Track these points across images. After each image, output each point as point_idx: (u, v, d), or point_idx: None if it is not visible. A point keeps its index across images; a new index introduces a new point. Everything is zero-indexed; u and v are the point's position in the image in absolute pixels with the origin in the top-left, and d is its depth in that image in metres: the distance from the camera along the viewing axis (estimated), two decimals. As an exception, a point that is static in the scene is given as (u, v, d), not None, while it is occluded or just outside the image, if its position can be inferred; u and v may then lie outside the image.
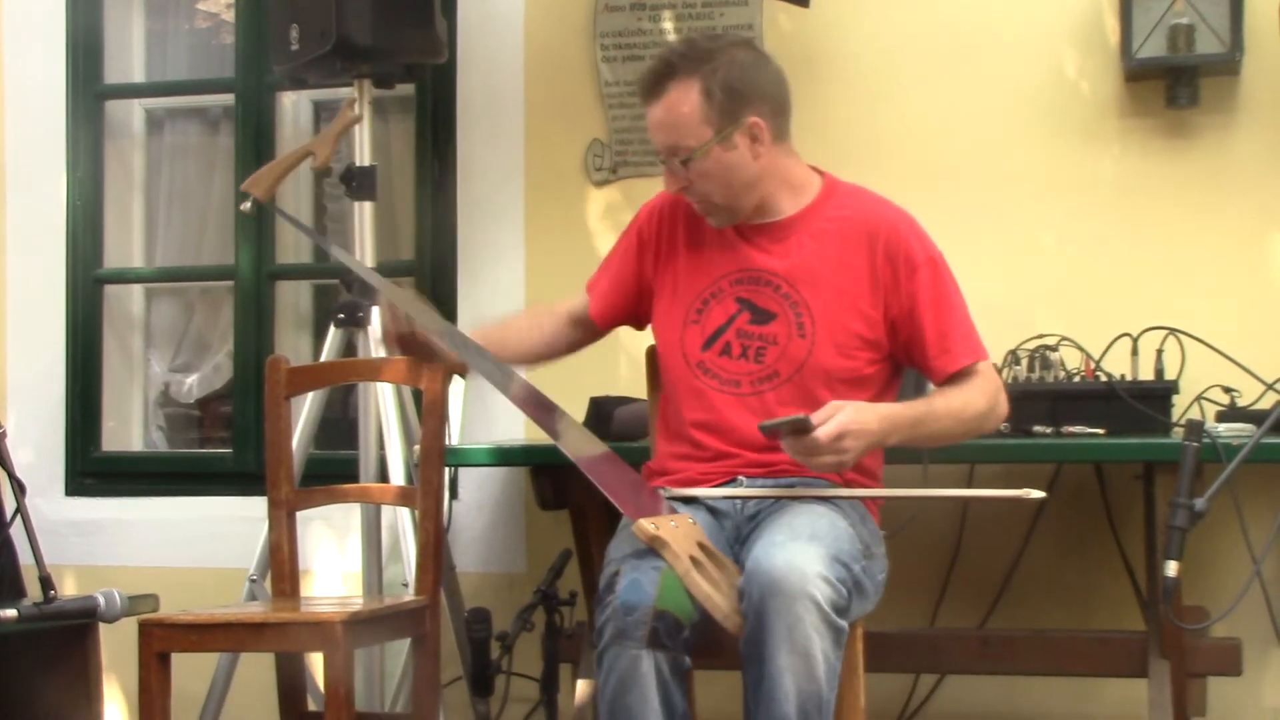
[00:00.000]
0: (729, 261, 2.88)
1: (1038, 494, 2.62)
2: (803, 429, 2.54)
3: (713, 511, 2.79)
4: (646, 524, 2.54)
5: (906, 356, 2.86)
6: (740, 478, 2.81)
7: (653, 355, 3.07)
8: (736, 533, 2.77)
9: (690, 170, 2.80)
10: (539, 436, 3.58)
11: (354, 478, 3.73)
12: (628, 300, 3.02)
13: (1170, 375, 3.50)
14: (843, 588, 2.53)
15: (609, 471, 2.77)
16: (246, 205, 3.81)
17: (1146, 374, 3.50)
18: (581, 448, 2.84)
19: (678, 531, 2.55)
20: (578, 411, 3.51)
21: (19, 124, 4.59)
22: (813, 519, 2.64)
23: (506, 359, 2.94)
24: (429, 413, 3.34)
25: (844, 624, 2.53)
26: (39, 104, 4.58)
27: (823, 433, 2.54)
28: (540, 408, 2.88)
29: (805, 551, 2.51)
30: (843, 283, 2.84)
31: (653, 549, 2.53)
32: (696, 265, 2.91)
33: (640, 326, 3.06)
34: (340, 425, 4.15)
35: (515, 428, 4.07)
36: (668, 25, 4.10)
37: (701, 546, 2.57)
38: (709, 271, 2.90)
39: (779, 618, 2.45)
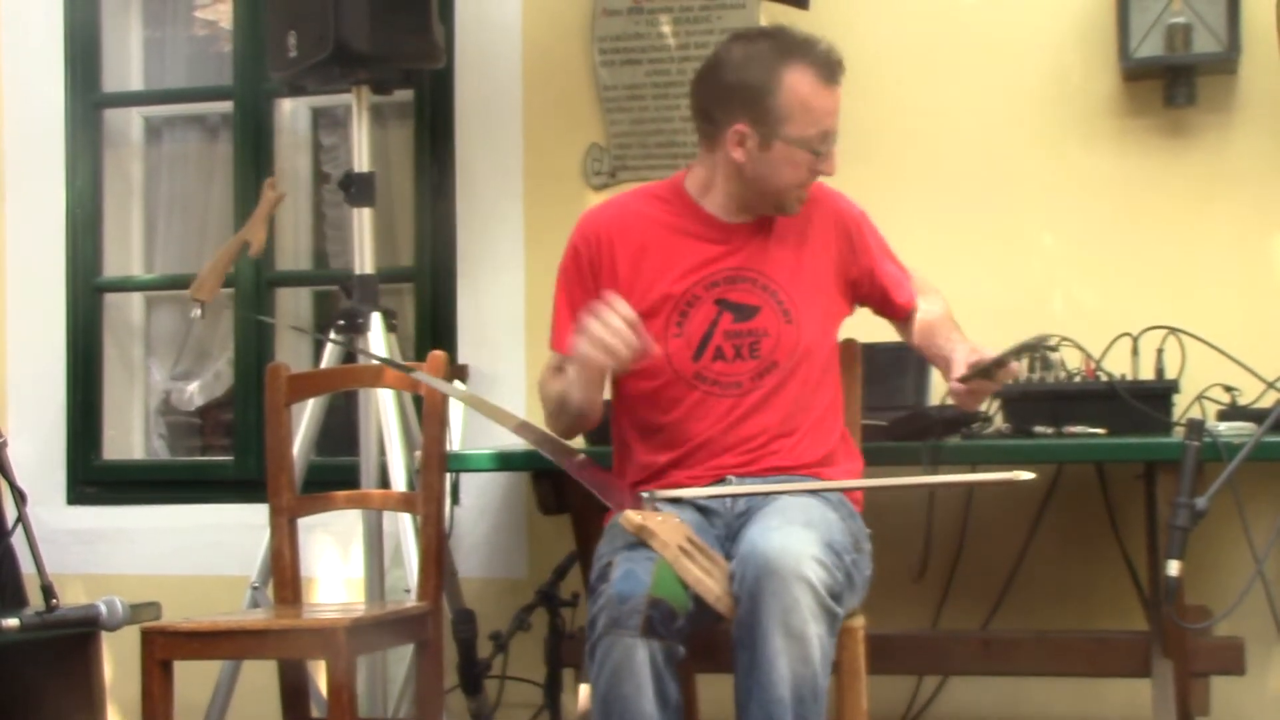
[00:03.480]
0: (697, 265, 2.89)
1: (1027, 475, 2.62)
2: (1001, 363, 2.70)
3: (701, 511, 2.80)
4: (634, 515, 2.56)
5: (875, 307, 3.06)
6: (729, 477, 2.82)
7: None
8: (727, 530, 2.78)
9: None
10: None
11: (355, 484, 3.73)
12: None
13: (1171, 374, 3.49)
14: (838, 573, 2.55)
15: (600, 478, 2.80)
16: (197, 313, 3.87)
17: (1147, 373, 3.50)
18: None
19: (664, 525, 2.56)
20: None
21: (18, 133, 4.59)
22: (806, 508, 2.66)
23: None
24: (430, 418, 3.34)
25: (839, 610, 2.54)
26: (37, 113, 4.58)
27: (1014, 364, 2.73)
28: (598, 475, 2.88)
29: (801, 535, 2.52)
30: (812, 262, 2.93)
31: (640, 539, 2.54)
32: (661, 273, 2.89)
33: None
34: (341, 432, 4.15)
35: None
36: (665, 29, 4.10)
37: (690, 540, 2.58)
38: (677, 279, 2.88)
39: (775, 599, 2.45)
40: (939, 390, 3.44)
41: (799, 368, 2.87)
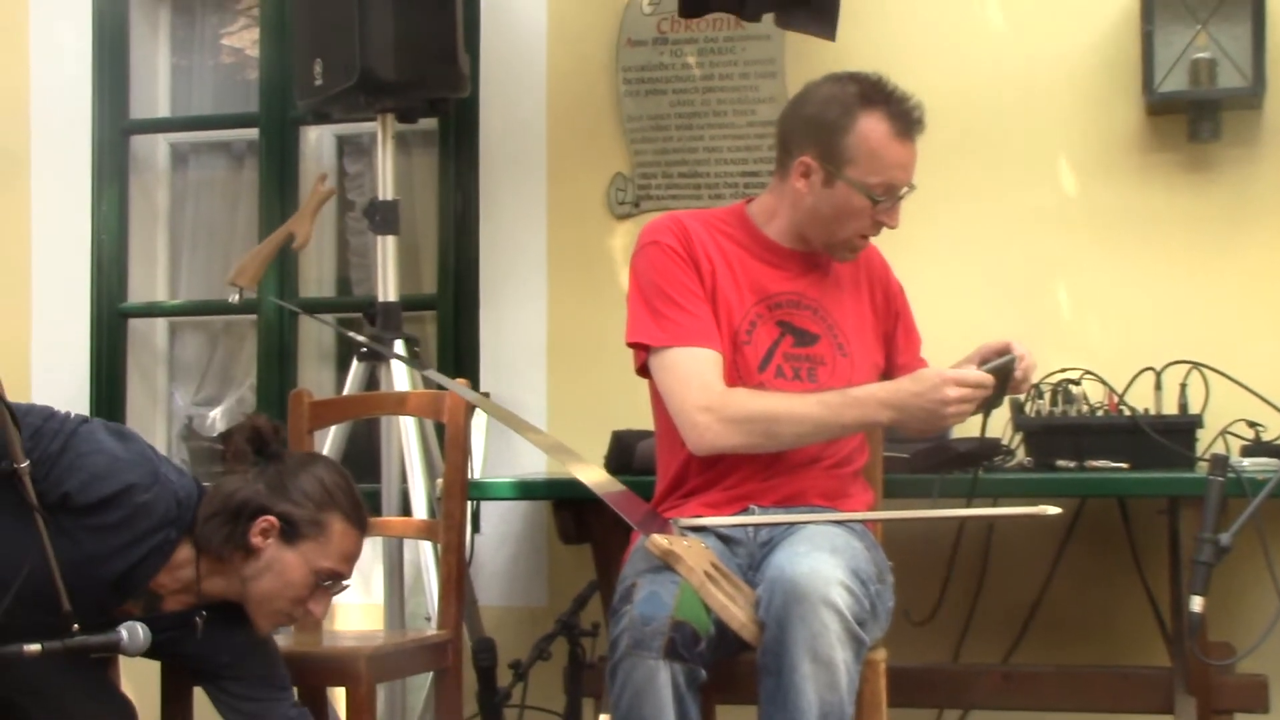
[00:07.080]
0: (760, 286, 2.90)
1: (1053, 510, 2.62)
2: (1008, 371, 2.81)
3: (724, 540, 2.80)
4: (660, 539, 2.55)
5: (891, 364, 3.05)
6: (753, 507, 2.82)
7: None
8: (750, 559, 2.78)
9: None
10: (561, 471, 3.56)
11: (376, 511, 3.73)
12: None
13: (1194, 409, 3.48)
14: (865, 600, 2.54)
15: (626, 503, 2.79)
16: (236, 297, 3.88)
17: (1170, 408, 3.48)
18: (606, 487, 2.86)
19: (690, 550, 2.56)
20: (600, 445, 3.51)
21: (45, 158, 4.62)
22: (832, 535, 2.66)
23: None
24: (451, 446, 3.34)
25: (866, 637, 2.53)
26: (65, 138, 4.61)
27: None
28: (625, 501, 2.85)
29: (828, 561, 2.52)
30: (858, 308, 2.97)
31: (666, 563, 2.54)
32: (730, 288, 2.89)
33: None
34: (363, 459, 4.15)
35: (537, 462, 4.07)
36: (690, 60, 4.12)
37: (715, 566, 2.57)
38: (744, 295, 2.89)
39: (803, 624, 2.45)
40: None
41: None
